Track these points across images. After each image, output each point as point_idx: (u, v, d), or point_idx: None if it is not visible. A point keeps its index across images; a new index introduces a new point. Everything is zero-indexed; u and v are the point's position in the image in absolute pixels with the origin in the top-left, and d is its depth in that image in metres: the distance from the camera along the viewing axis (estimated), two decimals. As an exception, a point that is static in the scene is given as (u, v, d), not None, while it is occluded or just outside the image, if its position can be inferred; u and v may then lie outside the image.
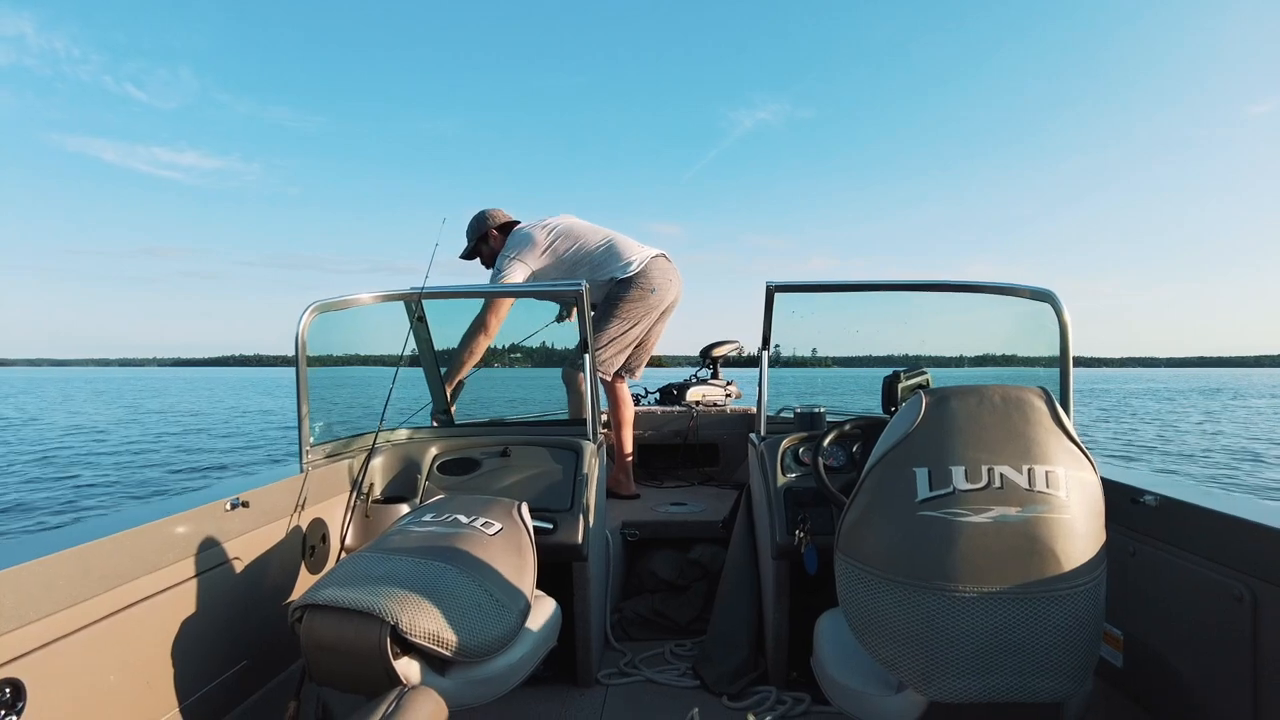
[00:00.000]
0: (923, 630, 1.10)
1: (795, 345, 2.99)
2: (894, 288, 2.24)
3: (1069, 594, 1.08)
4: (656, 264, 3.07)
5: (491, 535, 1.53)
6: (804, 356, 3.13)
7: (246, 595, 1.59)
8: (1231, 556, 1.22)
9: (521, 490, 2.06)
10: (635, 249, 3.07)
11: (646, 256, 3.06)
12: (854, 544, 1.22)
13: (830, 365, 2.27)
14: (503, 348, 3.15)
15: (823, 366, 3.15)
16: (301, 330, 1.96)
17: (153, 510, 1.42)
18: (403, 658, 1.21)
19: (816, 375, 3.06)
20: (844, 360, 2.73)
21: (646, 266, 3.04)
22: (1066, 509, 1.11)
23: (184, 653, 1.40)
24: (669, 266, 3.13)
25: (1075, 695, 1.11)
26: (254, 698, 1.60)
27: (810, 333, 2.54)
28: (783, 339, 2.31)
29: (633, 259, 3.04)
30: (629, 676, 2.09)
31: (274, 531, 1.71)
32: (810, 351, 3.10)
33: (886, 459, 1.21)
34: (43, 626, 1.09)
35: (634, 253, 3.06)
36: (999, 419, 1.18)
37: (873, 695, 1.25)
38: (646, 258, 3.05)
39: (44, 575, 1.10)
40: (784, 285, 2.17)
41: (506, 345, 3.19)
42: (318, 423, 2.04)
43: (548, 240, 3.01)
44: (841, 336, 2.91)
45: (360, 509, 2.00)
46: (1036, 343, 2.02)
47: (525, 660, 1.42)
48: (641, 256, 3.05)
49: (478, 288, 2.93)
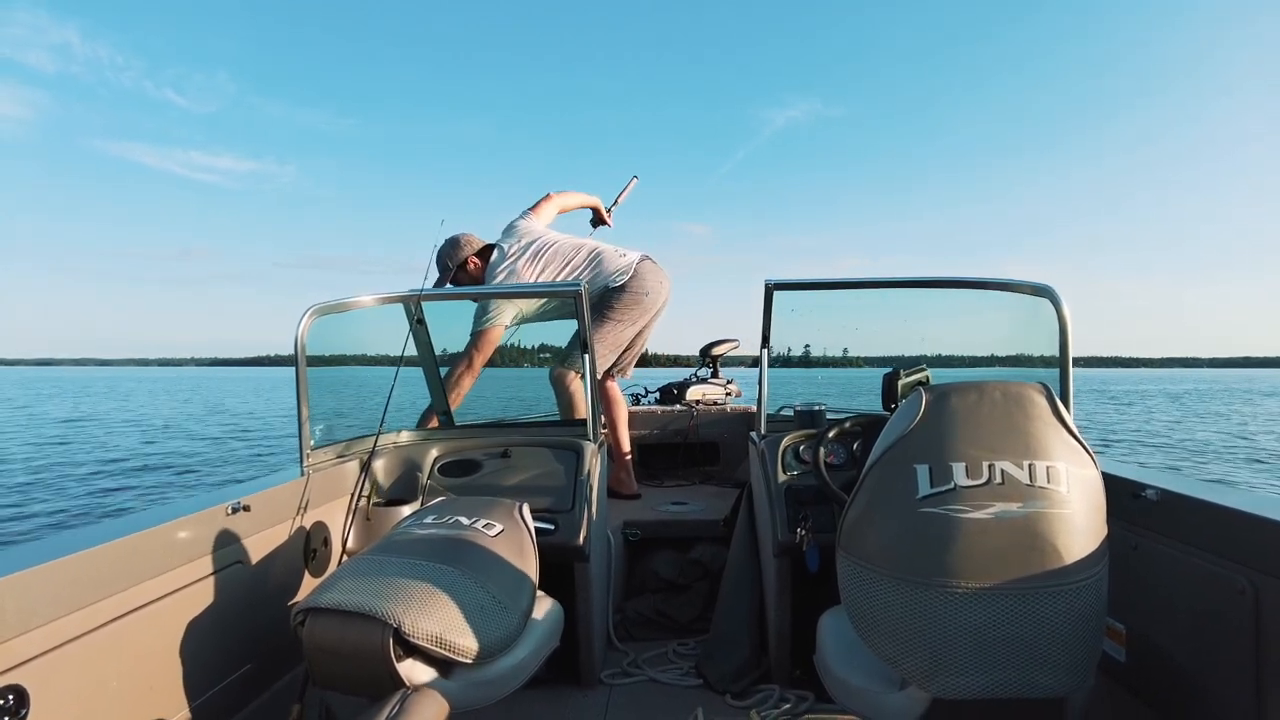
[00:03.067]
0: (925, 627, 1.10)
1: (826, 345, 2.99)
2: (893, 285, 2.24)
3: (1071, 589, 1.08)
4: (645, 267, 3.07)
5: (493, 536, 1.53)
6: (834, 356, 3.12)
7: (248, 599, 1.59)
8: (1233, 550, 1.22)
9: (522, 491, 2.06)
10: (620, 256, 3.06)
11: (633, 261, 3.05)
12: (855, 541, 1.22)
13: (861, 365, 2.27)
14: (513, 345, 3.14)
15: (854, 367, 3.14)
16: (301, 333, 1.96)
17: (154, 515, 1.42)
18: (405, 660, 1.21)
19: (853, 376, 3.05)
20: (876, 360, 2.72)
21: (637, 270, 3.03)
22: (1067, 504, 1.11)
23: (187, 657, 1.39)
24: (657, 269, 3.12)
25: (1078, 690, 1.11)
26: (257, 702, 1.60)
27: (809, 331, 2.53)
28: (788, 338, 2.31)
29: (622, 267, 3.03)
30: (632, 677, 2.09)
31: (276, 535, 1.71)
32: (841, 351, 3.09)
33: (887, 456, 1.21)
34: (46, 632, 1.09)
35: (621, 260, 3.05)
36: (999, 415, 1.18)
37: (876, 692, 1.25)
38: (634, 263, 3.05)
39: (47, 581, 1.10)
40: (783, 283, 2.17)
41: (509, 345, 3.18)
42: (318, 425, 2.04)
43: (534, 266, 2.97)
44: (842, 335, 2.90)
45: (361, 512, 2.00)
46: (1045, 339, 2.01)
47: (528, 661, 1.42)
48: (629, 263, 3.04)
49: (477, 290, 2.93)
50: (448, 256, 3.01)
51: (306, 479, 1.84)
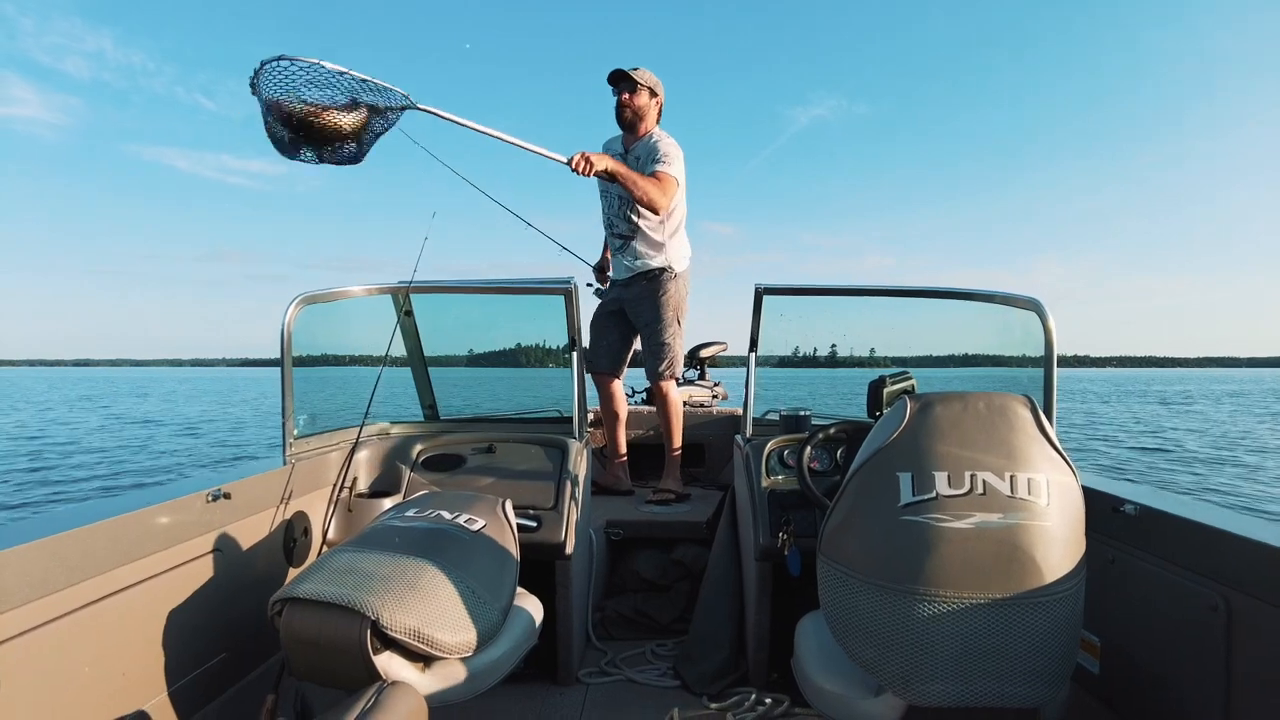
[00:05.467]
0: (903, 634, 1.11)
1: (852, 345, 3.00)
2: (882, 293, 2.26)
3: (1048, 601, 1.09)
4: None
5: (475, 531, 1.52)
6: (861, 357, 3.12)
7: (226, 588, 1.57)
8: (1207, 566, 1.24)
9: (506, 487, 2.05)
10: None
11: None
12: (837, 547, 1.23)
13: (887, 365, 2.28)
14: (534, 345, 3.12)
15: (880, 367, 3.17)
16: (287, 323, 1.95)
17: (132, 500, 1.40)
18: (383, 653, 1.20)
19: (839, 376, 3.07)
20: (899, 360, 2.75)
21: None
22: (1047, 516, 1.12)
23: (161, 644, 1.38)
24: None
25: (1052, 701, 1.12)
26: (232, 690, 1.58)
27: (805, 334, 2.55)
28: (778, 342, 2.33)
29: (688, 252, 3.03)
30: (609, 676, 2.09)
31: (256, 524, 1.70)
32: (869, 352, 3.09)
33: (871, 463, 1.22)
34: (17, 616, 1.08)
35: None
36: (983, 425, 1.19)
37: (852, 698, 1.26)
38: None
39: (18, 564, 1.08)
40: (772, 288, 2.19)
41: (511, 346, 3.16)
42: (302, 415, 2.03)
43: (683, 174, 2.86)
44: (828, 339, 2.91)
45: (343, 503, 1.99)
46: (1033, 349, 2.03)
47: (506, 657, 1.42)
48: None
49: (466, 283, 2.92)
50: (655, 85, 2.89)
51: (290, 468, 1.82)
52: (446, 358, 2.99)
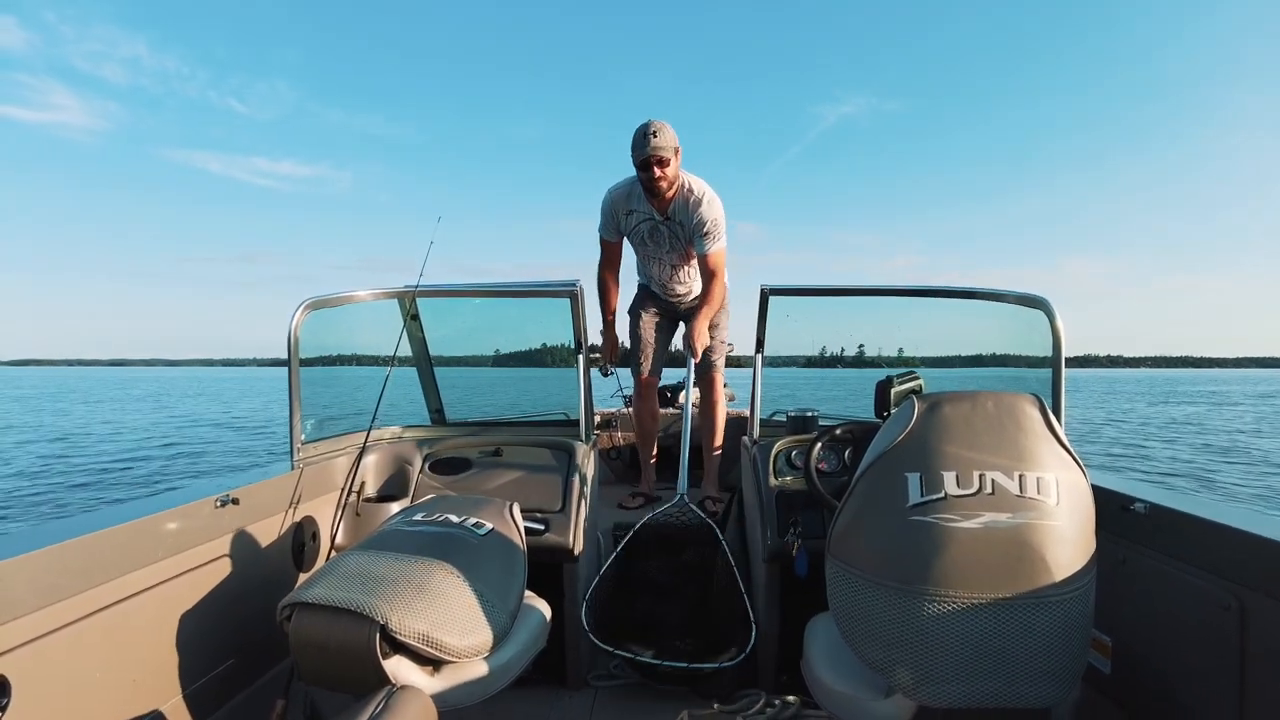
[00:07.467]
0: (912, 635, 1.10)
1: (860, 346, 3.00)
2: (889, 293, 2.25)
3: (1058, 600, 1.08)
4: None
5: (482, 535, 1.52)
6: (890, 356, 3.12)
7: (235, 592, 1.58)
8: (1220, 565, 1.22)
9: (513, 490, 2.05)
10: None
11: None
12: (845, 548, 1.23)
13: (918, 365, 2.28)
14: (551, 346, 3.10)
15: (887, 367, 3.17)
16: (294, 328, 1.95)
17: (142, 506, 1.41)
18: (392, 657, 1.21)
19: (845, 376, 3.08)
20: (931, 360, 2.74)
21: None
22: (1056, 515, 1.11)
23: (171, 650, 1.39)
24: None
25: (1063, 702, 1.11)
26: (241, 695, 1.59)
27: (814, 335, 2.55)
28: (786, 342, 2.32)
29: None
30: (618, 679, 2.09)
31: (264, 529, 1.70)
32: (896, 351, 3.09)
33: (879, 463, 1.21)
34: (29, 622, 1.09)
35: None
36: (991, 425, 1.18)
37: (862, 699, 1.25)
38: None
39: (30, 570, 1.09)
40: (778, 289, 2.18)
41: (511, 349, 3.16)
42: (309, 420, 2.03)
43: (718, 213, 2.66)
44: (834, 339, 2.90)
45: (351, 507, 1.99)
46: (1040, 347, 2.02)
47: (515, 661, 1.42)
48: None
49: (471, 286, 2.92)
50: (674, 140, 2.50)
51: (298, 473, 1.83)
52: (453, 359, 2.99)
